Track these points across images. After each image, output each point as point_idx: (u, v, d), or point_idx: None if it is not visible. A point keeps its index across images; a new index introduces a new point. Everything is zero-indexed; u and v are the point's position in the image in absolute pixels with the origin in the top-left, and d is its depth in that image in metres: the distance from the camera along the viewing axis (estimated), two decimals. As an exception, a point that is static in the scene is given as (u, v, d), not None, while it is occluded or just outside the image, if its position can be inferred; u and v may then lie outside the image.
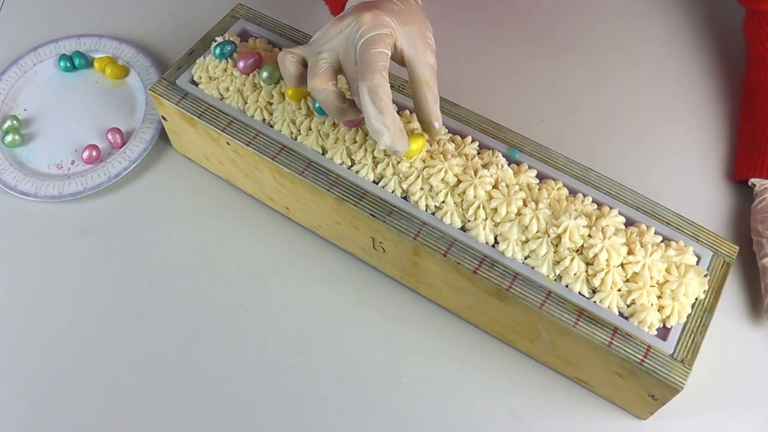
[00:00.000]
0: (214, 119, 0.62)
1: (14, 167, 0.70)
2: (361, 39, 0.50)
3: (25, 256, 0.66)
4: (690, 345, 0.51)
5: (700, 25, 0.81)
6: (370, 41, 0.50)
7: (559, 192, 0.56)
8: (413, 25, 0.53)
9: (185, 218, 0.68)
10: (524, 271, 0.54)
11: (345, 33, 0.52)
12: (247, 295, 0.64)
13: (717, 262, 0.55)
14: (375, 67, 0.49)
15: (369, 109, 0.49)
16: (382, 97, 0.49)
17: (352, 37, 0.51)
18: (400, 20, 0.52)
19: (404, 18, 0.52)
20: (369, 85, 0.49)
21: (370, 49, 0.50)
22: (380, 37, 0.50)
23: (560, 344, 0.55)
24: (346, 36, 0.52)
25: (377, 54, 0.50)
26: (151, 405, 0.59)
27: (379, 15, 0.51)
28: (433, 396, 0.59)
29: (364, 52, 0.50)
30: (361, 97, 0.50)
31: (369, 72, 0.49)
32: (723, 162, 0.70)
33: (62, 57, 0.77)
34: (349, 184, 0.58)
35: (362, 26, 0.51)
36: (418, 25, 0.53)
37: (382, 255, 0.61)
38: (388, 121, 0.50)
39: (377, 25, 0.51)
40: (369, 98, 0.49)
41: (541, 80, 0.77)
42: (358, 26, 0.51)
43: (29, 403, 0.59)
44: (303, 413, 0.58)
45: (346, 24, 0.52)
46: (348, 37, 0.51)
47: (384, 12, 0.52)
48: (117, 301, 0.64)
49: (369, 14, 0.51)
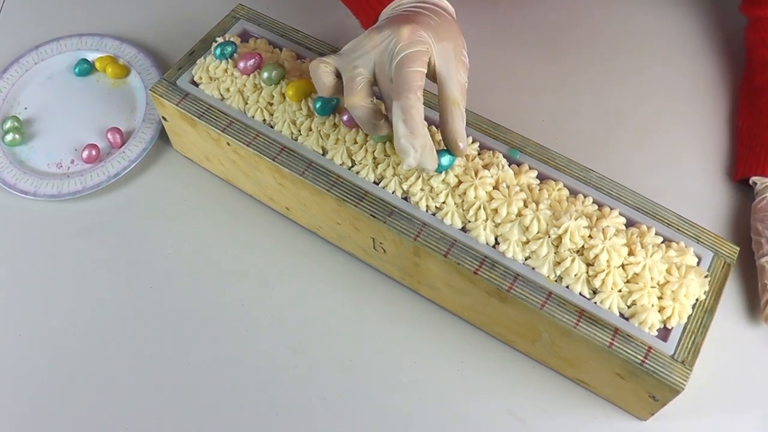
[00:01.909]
0: (214, 120, 0.62)
1: (14, 165, 0.70)
2: (399, 55, 0.50)
3: (24, 255, 0.66)
4: (691, 346, 0.51)
5: (701, 27, 0.81)
6: (407, 59, 0.49)
7: (559, 193, 0.56)
8: (449, 41, 0.52)
9: (185, 218, 0.68)
10: (525, 272, 0.54)
11: (381, 47, 0.51)
12: (247, 295, 0.64)
13: (718, 262, 0.55)
14: (410, 87, 0.49)
15: (399, 128, 0.49)
16: (414, 117, 0.49)
17: (389, 52, 0.50)
18: (437, 36, 0.51)
19: (440, 34, 0.52)
20: (403, 105, 0.49)
21: (406, 67, 0.49)
22: (417, 54, 0.50)
23: (561, 345, 0.55)
24: (382, 50, 0.51)
25: (414, 73, 0.49)
26: (151, 405, 0.59)
27: (416, 30, 0.50)
28: (434, 396, 0.59)
29: (401, 70, 0.49)
30: (393, 116, 0.49)
31: (404, 91, 0.49)
32: (723, 162, 0.70)
33: (82, 61, 0.77)
34: (349, 184, 0.58)
35: (400, 42, 0.50)
36: (453, 42, 0.52)
37: (383, 255, 0.61)
38: (417, 143, 0.49)
39: (415, 41, 0.50)
40: (401, 118, 0.49)
41: (541, 81, 0.77)
42: (395, 41, 0.50)
43: (29, 403, 0.59)
44: (303, 413, 0.58)
45: (383, 38, 0.51)
46: (384, 51, 0.51)
47: (421, 27, 0.51)
48: (117, 301, 0.64)
49: (407, 29, 0.50)
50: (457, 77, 0.52)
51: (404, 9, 0.55)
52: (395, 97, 0.49)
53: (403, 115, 0.49)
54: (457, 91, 0.52)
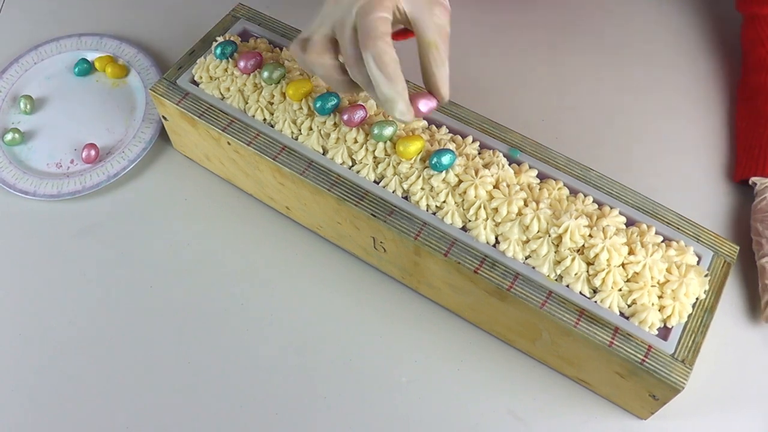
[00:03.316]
0: (214, 119, 0.62)
1: (13, 165, 0.70)
2: (357, 4, 0.47)
3: (24, 255, 0.66)
4: (691, 345, 0.51)
5: (701, 27, 0.81)
6: (367, 7, 0.47)
7: (559, 192, 0.56)
8: None
9: (185, 218, 0.68)
10: (525, 271, 0.54)
11: (341, 3, 0.48)
12: (247, 294, 0.64)
13: (718, 262, 0.55)
14: (376, 34, 0.46)
15: (377, 77, 0.46)
16: (388, 63, 0.46)
17: (348, 3, 0.48)
18: None
19: None
20: (373, 53, 0.46)
21: (368, 15, 0.47)
22: (378, 1, 0.47)
23: (561, 344, 0.55)
24: (342, 5, 0.48)
25: (377, 20, 0.47)
26: (151, 404, 0.59)
27: None
28: (434, 396, 0.59)
29: (363, 19, 0.47)
30: (368, 67, 0.47)
31: (370, 40, 0.46)
32: (723, 162, 0.70)
33: (81, 61, 0.77)
34: (350, 184, 0.58)
35: None
36: None
37: (383, 255, 0.61)
38: (399, 87, 0.47)
39: None
40: (375, 66, 0.46)
41: (541, 80, 0.77)
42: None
43: (30, 403, 0.59)
44: (303, 413, 0.58)
45: None
46: (343, 5, 0.48)
47: None
48: (116, 301, 0.64)
49: None
50: (432, 19, 0.49)
51: None
52: (363, 48, 0.47)
53: (376, 63, 0.46)
54: (432, 32, 0.48)
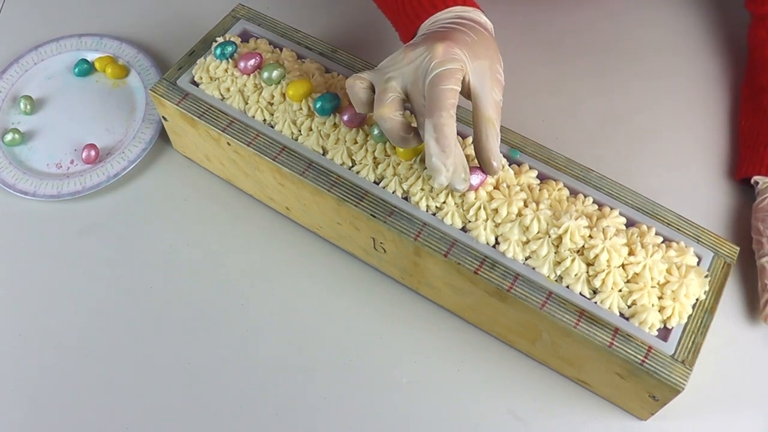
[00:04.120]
0: (214, 119, 0.62)
1: (13, 166, 0.70)
2: (432, 73, 0.49)
3: (23, 255, 0.66)
4: (691, 346, 0.51)
5: (700, 27, 0.81)
6: (440, 76, 0.49)
7: (559, 192, 0.56)
8: (484, 59, 0.52)
9: (185, 218, 0.68)
10: (525, 272, 0.54)
11: (415, 63, 0.51)
12: (247, 295, 0.64)
13: (718, 262, 0.55)
14: (443, 105, 0.48)
15: (431, 146, 0.49)
16: (447, 135, 0.48)
17: (423, 69, 0.50)
18: (472, 53, 0.51)
19: (476, 51, 0.51)
20: (435, 123, 0.48)
21: (439, 85, 0.49)
22: (450, 72, 0.49)
23: (561, 345, 0.55)
24: (416, 67, 0.50)
25: (446, 91, 0.49)
26: (151, 404, 0.59)
27: (450, 48, 0.50)
28: (434, 396, 0.59)
29: (434, 88, 0.49)
30: (426, 134, 0.49)
31: (437, 109, 0.48)
32: (724, 162, 0.70)
33: (81, 61, 0.77)
34: (349, 184, 0.58)
35: (434, 59, 0.49)
36: (489, 60, 0.52)
37: (383, 255, 0.61)
38: (448, 161, 0.49)
39: (449, 59, 0.49)
40: (433, 136, 0.48)
41: (542, 81, 0.77)
42: (429, 58, 0.50)
43: (30, 403, 0.59)
44: (303, 413, 0.58)
45: (417, 54, 0.51)
46: (418, 68, 0.50)
47: (456, 44, 0.50)
48: (116, 301, 0.64)
49: (441, 47, 0.50)
50: (492, 95, 0.51)
51: (442, 25, 0.54)
52: (428, 114, 0.49)
53: (435, 133, 0.48)
54: (491, 109, 0.51)
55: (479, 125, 0.51)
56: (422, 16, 0.57)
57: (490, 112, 0.51)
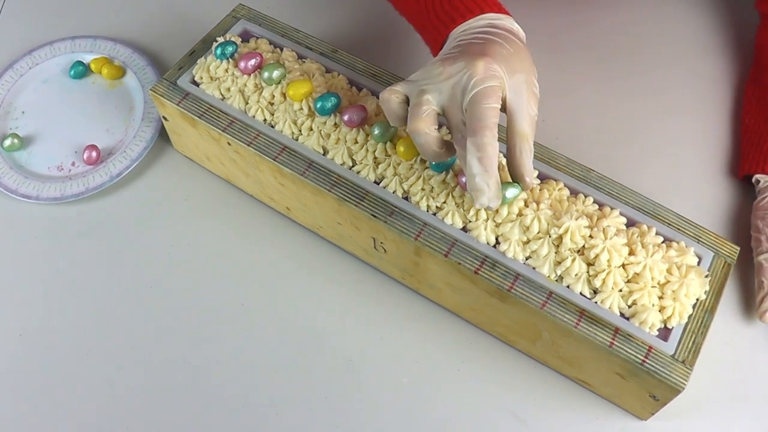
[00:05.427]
0: (215, 119, 0.62)
1: (14, 170, 0.70)
2: (473, 90, 0.48)
3: (27, 259, 0.66)
4: (691, 345, 0.51)
5: (701, 26, 0.81)
6: (482, 94, 0.48)
7: (560, 192, 0.56)
8: (521, 73, 0.51)
9: (186, 218, 0.68)
10: (525, 272, 0.54)
11: (454, 80, 0.49)
12: (247, 295, 0.64)
13: (718, 262, 0.55)
14: (486, 124, 0.47)
15: (474, 166, 0.48)
16: (490, 155, 0.47)
17: (462, 86, 0.49)
18: (509, 68, 0.50)
19: (513, 65, 0.51)
20: (479, 142, 0.47)
21: (482, 103, 0.48)
22: (492, 90, 0.48)
23: (561, 345, 0.55)
24: (455, 83, 0.49)
25: (489, 109, 0.48)
26: (151, 405, 0.59)
27: (491, 65, 0.49)
28: (434, 396, 0.59)
29: (476, 106, 0.48)
30: (468, 153, 0.48)
31: (480, 129, 0.47)
32: (724, 162, 0.70)
33: (77, 63, 0.77)
34: (350, 184, 0.58)
35: (474, 76, 0.48)
36: (525, 73, 0.51)
37: (384, 255, 0.61)
38: (491, 181, 0.48)
39: (489, 76, 0.48)
40: (476, 156, 0.47)
41: (542, 81, 0.76)
42: (469, 75, 0.49)
43: (30, 404, 0.59)
44: (304, 413, 0.58)
45: (456, 69, 0.50)
46: (457, 84, 0.49)
47: (495, 60, 0.50)
48: (118, 301, 0.64)
49: (482, 64, 0.49)
50: (528, 110, 0.50)
51: (475, 34, 0.53)
52: (470, 134, 0.48)
53: (479, 152, 0.47)
54: (527, 125, 0.50)
55: (514, 141, 0.50)
56: (453, 24, 0.55)
57: (525, 128, 0.50)
